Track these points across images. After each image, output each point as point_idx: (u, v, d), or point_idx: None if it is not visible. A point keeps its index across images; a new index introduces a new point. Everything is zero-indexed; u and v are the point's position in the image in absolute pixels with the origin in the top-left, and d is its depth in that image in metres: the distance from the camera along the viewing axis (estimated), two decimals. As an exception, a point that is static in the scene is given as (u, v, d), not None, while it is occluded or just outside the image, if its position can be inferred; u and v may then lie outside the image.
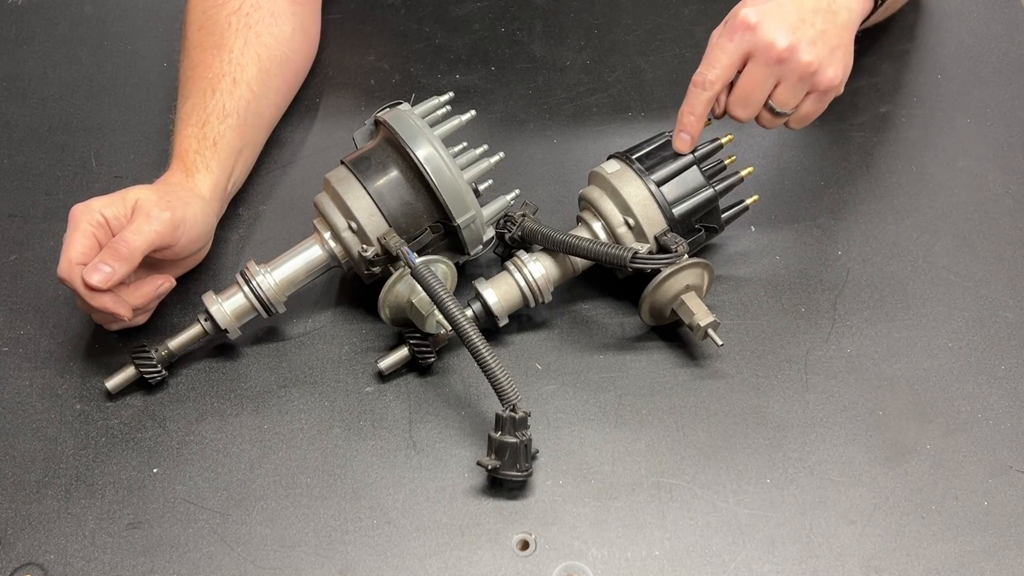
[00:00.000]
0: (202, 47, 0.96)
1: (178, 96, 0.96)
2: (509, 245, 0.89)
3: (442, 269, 0.85)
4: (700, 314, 0.84)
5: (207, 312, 0.85)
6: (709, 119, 0.87)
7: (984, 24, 1.14)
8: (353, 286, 0.93)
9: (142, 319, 0.88)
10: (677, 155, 0.87)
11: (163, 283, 0.86)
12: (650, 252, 0.85)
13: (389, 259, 0.84)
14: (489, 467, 0.79)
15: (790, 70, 0.82)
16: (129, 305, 0.82)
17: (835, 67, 0.83)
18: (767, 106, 0.85)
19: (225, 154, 0.91)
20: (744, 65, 0.83)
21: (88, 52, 1.11)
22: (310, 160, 1.02)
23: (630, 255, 0.82)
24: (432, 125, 0.86)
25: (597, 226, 0.88)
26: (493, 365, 0.78)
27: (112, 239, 0.81)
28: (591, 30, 1.13)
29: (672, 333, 0.91)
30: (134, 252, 0.80)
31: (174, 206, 0.83)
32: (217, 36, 0.96)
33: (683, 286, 0.85)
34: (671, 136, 0.88)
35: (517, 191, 0.90)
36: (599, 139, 1.03)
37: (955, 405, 0.87)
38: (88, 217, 0.81)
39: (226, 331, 0.85)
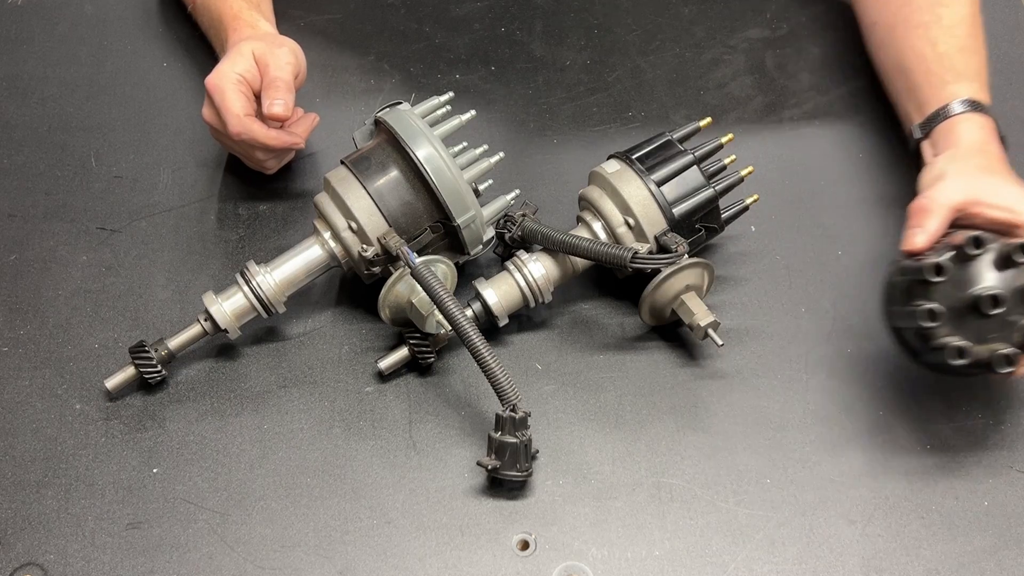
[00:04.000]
0: None
1: None
2: (509, 245, 0.89)
3: (442, 269, 0.85)
4: (700, 314, 0.84)
5: (207, 312, 0.85)
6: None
7: (984, 24, 1.14)
8: (353, 286, 0.93)
9: (293, 150, 0.98)
10: (677, 154, 0.87)
11: (314, 117, 0.97)
12: (650, 252, 0.85)
13: (389, 259, 0.84)
14: (489, 467, 0.79)
15: None
16: (299, 134, 0.94)
17: None
18: None
19: (266, 3, 1.03)
20: None
21: (88, 52, 1.11)
22: (310, 160, 1.01)
23: (630, 255, 0.82)
24: (432, 125, 0.86)
25: (597, 226, 0.88)
26: (493, 365, 0.78)
27: (266, 81, 0.90)
28: (591, 30, 1.13)
29: (672, 333, 0.90)
30: (289, 81, 0.90)
31: (280, 40, 0.94)
32: None
33: (683, 286, 0.85)
34: (671, 135, 0.89)
35: (517, 191, 0.90)
36: (599, 139, 1.03)
37: (955, 405, 0.87)
38: (229, 79, 0.90)
39: (226, 331, 0.85)
